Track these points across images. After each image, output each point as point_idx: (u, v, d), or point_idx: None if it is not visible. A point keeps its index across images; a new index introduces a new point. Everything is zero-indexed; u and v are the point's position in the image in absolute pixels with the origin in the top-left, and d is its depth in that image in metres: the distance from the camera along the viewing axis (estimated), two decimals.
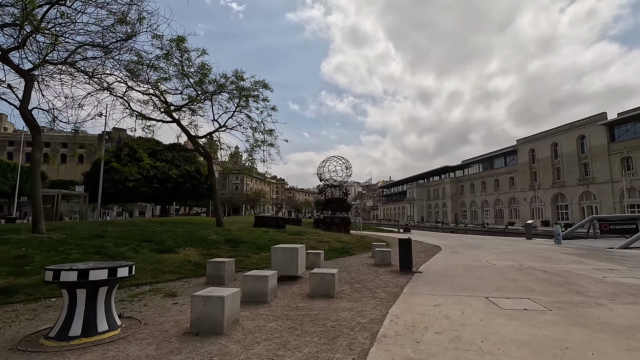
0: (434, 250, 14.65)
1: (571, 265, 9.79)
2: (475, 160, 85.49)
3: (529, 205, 64.14)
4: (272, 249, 8.01)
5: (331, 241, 15.10)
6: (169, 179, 31.54)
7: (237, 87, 15.90)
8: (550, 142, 60.14)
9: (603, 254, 12.81)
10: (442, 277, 8.09)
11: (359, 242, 16.43)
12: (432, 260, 11.16)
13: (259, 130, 16.37)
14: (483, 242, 19.37)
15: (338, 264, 10.44)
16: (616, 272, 8.80)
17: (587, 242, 17.69)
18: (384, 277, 8.28)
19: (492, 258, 11.50)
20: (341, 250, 13.14)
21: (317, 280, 6.34)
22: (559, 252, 13.34)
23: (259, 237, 13.70)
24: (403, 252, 8.91)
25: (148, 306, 5.85)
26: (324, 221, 22.32)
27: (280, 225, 18.12)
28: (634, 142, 46.96)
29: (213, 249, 11.08)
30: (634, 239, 15.00)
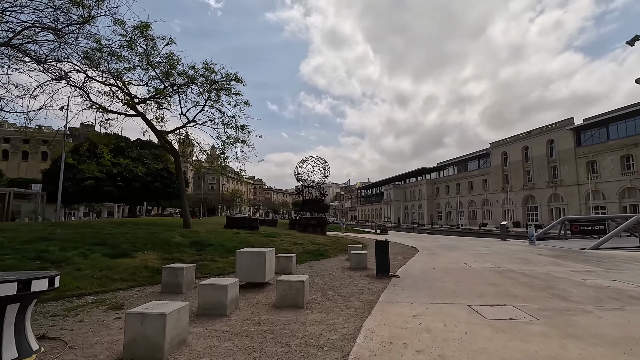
0: (411, 252, 14.28)
1: (549, 268, 9.59)
2: (451, 162, 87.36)
3: (501, 206, 66.03)
4: (237, 253, 7.24)
5: (306, 243, 14.42)
6: (136, 177, 29.84)
7: (208, 80, 14.95)
8: (521, 145, 62.17)
9: (577, 255, 12.84)
10: (421, 282, 7.60)
11: (335, 244, 15.84)
12: (409, 263, 10.72)
13: (230, 126, 15.47)
14: (459, 243, 19.29)
15: (312, 268, 9.79)
16: (594, 274, 8.64)
17: (559, 243, 17.94)
18: (360, 282, 7.70)
19: (470, 260, 11.20)
20: (316, 253, 12.50)
21: (284, 289, 5.65)
22: (534, 254, 13.27)
23: (228, 240, 12.83)
24: (380, 256, 8.37)
25: (84, 322, 4.97)
26: (300, 222, 21.61)
27: (253, 226, 17.26)
28: (598, 146, 49.18)
29: (176, 253, 10.15)
30: (603, 240, 15.24)
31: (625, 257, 12.14)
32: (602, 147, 48.54)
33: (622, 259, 11.47)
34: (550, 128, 56.47)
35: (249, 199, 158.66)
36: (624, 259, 11.49)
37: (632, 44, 11.02)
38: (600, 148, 48.64)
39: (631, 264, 10.36)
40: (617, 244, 15.75)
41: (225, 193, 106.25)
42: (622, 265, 10.04)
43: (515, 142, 63.64)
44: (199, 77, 15.03)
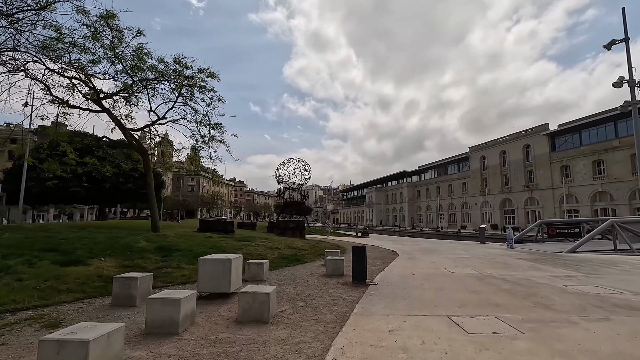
0: (391, 256, 13.89)
1: (529, 273, 9.37)
2: (431, 166, 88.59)
3: (480, 209, 67.27)
4: (200, 261, 6.57)
5: (282, 248, 13.79)
6: (106, 178, 28.38)
7: (180, 75, 14.14)
8: (499, 150, 63.59)
9: (555, 258, 12.79)
10: (399, 290, 7.14)
11: (313, 248, 15.28)
12: (388, 268, 10.29)
13: (204, 124, 14.69)
14: (439, 246, 19.12)
15: (285, 275, 9.19)
16: (574, 279, 8.44)
17: (537, 246, 18.05)
18: (335, 291, 7.16)
19: (450, 265, 10.89)
20: (292, 258, 11.89)
21: (247, 302, 5.04)
22: (513, 257, 13.14)
23: (198, 244, 12.05)
24: (356, 262, 7.87)
25: (6, 345, 4.22)
26: (278, 225, 20.92)
27: (228, 230, 16.48)
28: (571, 152, 50.81)
29: (138, 259, 9.34)
30: (580, 243, 15.35)
31: (602, 260, 12.16)
32: (575, 152, 50.16)
33: (599, 263, 11.45)
34: (527, 133, 58.01)
35: (230, 201, 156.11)
36: (601, 263, 11.47)
37: (609, 47, 11.06)
38: (574, 153, 50.26)
39: (608, 268, 10.30)
40: (592, 247, 15.92)
41: (205, 195, 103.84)
42: (600, 270, 9.95)
43: (493, 147, 65.07)
44: (170, 72, 14.21)
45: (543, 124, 55.82)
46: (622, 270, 9.98)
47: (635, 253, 14.31)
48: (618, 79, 10.73)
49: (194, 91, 14.80)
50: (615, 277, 8.83)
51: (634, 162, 43.21)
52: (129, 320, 5.22)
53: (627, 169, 43.60)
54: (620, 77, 10.75)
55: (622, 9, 11.03)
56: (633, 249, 14.49)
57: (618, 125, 46.24)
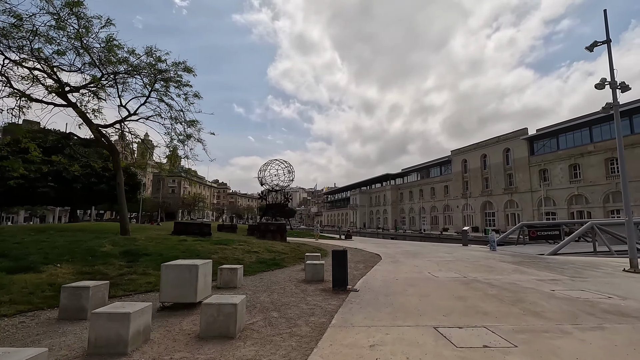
0: (374, 259, 13.48)
1: (514, 276, 9.11)
2: (414, 169, 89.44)
3: (461, 212, 68.20)
4: (163, 267, 5.91)
5: (261, 251, 13.17)
6: (77, 178, 26.95)
7: (154, 68, 13.34)
8: (480, 153, 64.70)
9: (538, 261, 12.68)
10: (382, 297, 6.68)
11: (294, 251, 14.71)
12: (371, 272, 9.84)
13: (179, 121, 13.92)
14: (422, 249, 18.90)
15: (262, 281, 8.60)
16: (560, 283, 8.21)
17: (519, 248, 18.07)
18: (313, 299, 6.64)
19: (434, 269, 10.55)
20: (270, 263, 11.29)
21: (211, 315, 4.45)
22: (497, 260, 12.97)
23: (170, 248, 11.29)
24: (337, 267, 7.36)
25: None
26: (258, 228, 20.22)
27: (205, 232, 15.70)
28: (549, 156, 52.11)
29: (99, 265, 8.55)
30: (561, 245, 15.38)
31: (584, 263, 12.11)
32: (552, 156, 51.47)
33: (581, 265, 11.37)
34: (507, 137, 59.23)
35: (212, 203, 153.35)
36: (583, 265, 11.39)
37: (591, 49, 11.03)
38: (551, 157, 51.56)
39: (592, 271, 10.19)
40: (572, 249, 16.00)
41: (186, 197, 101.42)
42: (584, 272, 9.81)
43: (474, 150, 66.17)
44: (143, 65, 13.40)
45: (522, 129, 57.15)
46: (605, 273, 9.87)
47: (614, 255, 14.43)
48: (600, 80, 10.71)
49: (169, 86, 14.03)
50: (600, 280, 8.67)
51: (607, 166, 44.70)
52: (74, 338, 4.54)
53: (601, 172, 44.98)
54: (602, 78, 10.73)
55: (603, 10, 11.04)
56: (612, 251, 14.61)
57: (593, 131, 47.71)
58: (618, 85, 10.47)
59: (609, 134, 45.68)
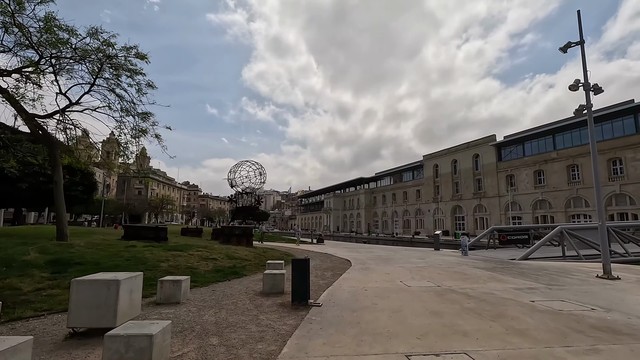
0: (343, 266, 12.62)
1: (491, 285, 8.51)
2: (387, 173, 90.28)
3: (432, 216, 69.27)
4: (73, 283, 4.68)
5: (220, 258, 11.96)
6: (24, 177, 24.41)
7: (101, 53, 11.84)
8: (451, 158, 66.06)
9: (511, 267, 12.30)
10: (347, 314, 5.77)
11: (258, 258, 13.59)
12: (338, 282, 8.93)
13: (131, 114, 12.45)
14: (394, 254, 18.30)
15: (213, 294, 7.46)
16: (538, 292, 7.66)
17: (490, 253, 17.88)
18: (267, 317, 5.62)
19: (407, 276, 9.81)
20: (228, 271, 10.13)
21: (115, 351, 3.33)
22: (470, 266, 12.48)
23: (112, 256, 9.87)
24: (297, 278, 6.37)
25: None
26: (222, 232, 18.87)
27: (161, 237, 14.24)
28: (515, 162, 53.86)
29: (14, 277, 7.11)
30: (531, 250, 15.22)
31: (556, 268, 11.85)
32: (519, 162, 53.22)
33: (554, 271, 11.05)
34: (477, 143, 60.80)
35: (182, 205, 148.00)
36: (556, 271, 11.08)
37: (564, 50, 10.80)
38: (518, 163, 53.30)
39: (566, 277, 9.83)
40: (542, 253, 15.91)
41: (153, 199, 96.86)
42: (559, 280, 9.41)
43: (445, 155, 67.50)
44: (90, 49, 11.86)
45: (491, 135, 58.86)
46: (580, 280, 9.53)
47: (583, 260, 14.42)
48: (574, 81, 10.49)
49: (121, 74, 12.54)
50: (577, 288, 8.24)
51: (569, 172, 46.67)
52: None
53: (563, 178, 46.89)
54: (577, 79, 10.52)
55: (577, 11, 10.87)
56: (580, 256, 14.61)
57: (556, 138, 49.78)
58: (591, 87, 10.25)
59: (571, 142, 47.82)
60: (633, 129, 42.00)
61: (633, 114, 42.28)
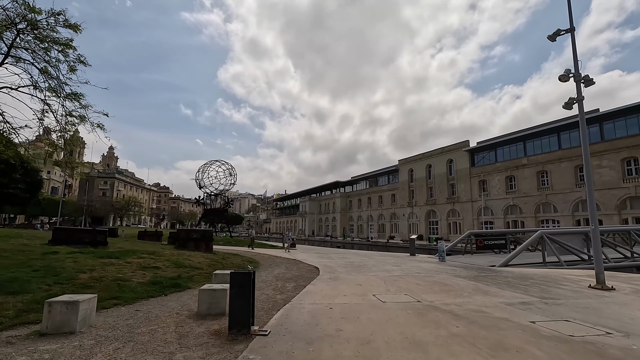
0: (310, 275, 11.08)
1: (478, 299, 7.26)
2: (363, 177, 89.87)
3: (407, 220, 69.16)
4: None
5: (165, 266, 10.12)
6: None
7: (21, 18, 9.78)
8: (425, 163, 66.31)
9: (495, 275, 11.23)
10: (300, 350, 4.23)
11: (214, 265, 11.81)
12: (299, 297, 7.39)
13: (59, 95, 10.41)
14: (368, 260, 16.99)
15: (132, 317, 5.71)
16: (534, 308, 6.47)
17: (468, 259, 16.96)
18: (185, 356, 4.00)
19: (381, 288, 8.43)
20: (168, 284, 8.33)
21: None
22: (450, 274, 11.29)
23: (17, 266, 7.86)
24: (237, 298, 4.75)
25: None
26: (178, 236, 16.83)
27: (99, 241, 12.15)
28: (488, 167, 54.53)
29: None
30: (512, 256, 14.35)
31: (541, 276, 10.88)
32: (491, 168, 53.91)
33: (541, 280, 10.04)
34: (450, 149, 61.27)
35: (151, 207, 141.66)
36: (544, 280, 10.08)
37: (553, 39, 9.92)
38: (490, 169, 53.97)
39: (556, 288, 8.79)
40: (521, 259, 15.08)
41: (117, 200, 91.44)
42: (551, 291, 8.33)
43: (420, 160, 67.72)
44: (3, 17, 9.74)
45: (464, 141, 59.46)
46: (572, 291, 8.49)
47: (564, 266, 13.68)
48: (564, 71, 9.61)
49: (50, 48, 10.46)
50: (575, 302, 7.13)
51: (539, 178, 47.58)
52: None
53: (533, 184, 47.75)
54: (567, 69, 9.66)
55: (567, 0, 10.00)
56: (562, 262, 13.86)
57: (527, 145, 50.79)
58: (582, 78, 9.36)
59: (540, 149, 48.88)
60: (598, 137, 43.34)
61: (598, 123, 43.68)
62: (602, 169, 41.55)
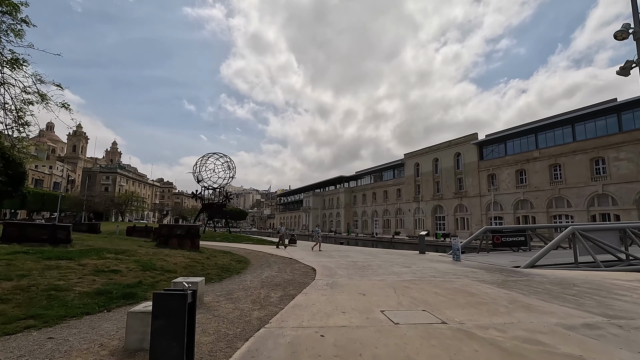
0: (304, 279, 9.26)
1: (522, 318, 5.39)
2: (368, 171, 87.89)
3: (413, 216, 67.20)
4: None
5: (128, 270, 8.36)
6: None
7: None
8: (432, 157, 64.15)
9: (526, 280, 9.31)
10: None
11: (191, 268, 10.03)
12: (281, 316, 5.55)
13: None
14: (373, 259, 15.16)
15: (38, 350, 3.95)
16: (609, 336, 4.59)
17: (485, 258, 15.08)
18: None
19: (391, 301, 6.59)
20: (118, 294, 6.54)
21: None
22: (472, 279, 9.43)
23: None
24: (160, 338, 2.95)
25: None
26: (159, 233, 15.07)
27: (59, 238, 10.42)
28: (497, 161, 52.32)
29: None
30: (539, 256, 12.42)
31: (584, 281, 8.98)
32: (500, 161, 51.68)
33: (587, 287, 8.15)
34: (458, 142, 59.04)
35: (154, 203, 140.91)
36: (590, 288, 8.18)
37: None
38: (499, 162, 51.75)
39: (617, 300, 6.88)
40: (548, 259, 13.12)
41: (117, 195, 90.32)
42: (612, 305, 6.44)
43: (426, 154, 65.57)
44: None
45: (472, 134, 57.20)
46: (636, 303, 6.59)
47: (602, 268, 11.76)
48: (622, 26, 7.67)
49: None
50: None
51: (551, 172, 45.32)
52: None
53: (545, 178, 45.53)
54: (625, 24, 7.75)
55: None
56: (599, 263, 11.93)
57: (538, 137, 48.46)
58: None
59: (553, 141, 46.56)
60: (616, 128, 40.99)
61: (615, 113, 41.29)
62: (620, 161, 39.24)
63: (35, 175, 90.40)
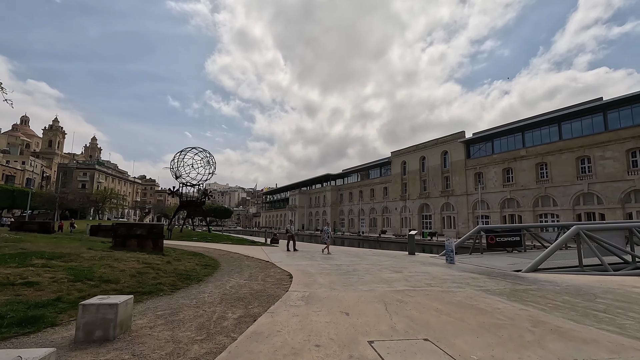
0: (276, 289, 7.69)
1: (564, 354, 4.01)
2: (355, 169, 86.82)
3: (399, 214, 66.43)
4: None
5: (50, 281, 6.61)
6: None
7: None
8: (419, 155, 63.43)
9: (537, 288, 7.99)
10: None
11: (141, 276, 8.31)
12: (233, 350, 3.99)
13: None
14: (360, 261, 13.72)
15: None
16: None
17: (480, 259, 13.85)
18: None
19: (382, 324, 5.09)
20: (16, 318, 4.77)
21: None
22: (475, 288, 8.06)
23: None
24: None
25: None
26: (116, 232, 13.20)
27: None
28: (484, 159, 51.87)
29: None
30: (540, 259, 11.20)
31: (602, 289, 7.75)
32: (487, 159, 51.26)
33: (612, 299, 6.88)
34: (445, 140, 58.45)
35: (135, 200, 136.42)
36: (616, 299, 6.92)
37: None
38: (486, 161, 51.32)
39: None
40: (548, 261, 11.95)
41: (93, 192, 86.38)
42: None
43: (414, 152, 64.84)
44: None
45: (460, 132, 56.68)
46: None
47: (611, 272, 10.65)
48: None
49: None
50: None
51: (537, 170, 45.03)
52: None
53: (532, 177, 45.24)
54: None
55: None
56: (607, 267, 10.80)
57: (525, 136, 48.18)
58: None
59: (540, 140, 46.31)
60: (602, 127, 40.90)
61: (602, 112, 41.21)
62: (606, 160, 39.11)
63: (5, 170, 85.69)
